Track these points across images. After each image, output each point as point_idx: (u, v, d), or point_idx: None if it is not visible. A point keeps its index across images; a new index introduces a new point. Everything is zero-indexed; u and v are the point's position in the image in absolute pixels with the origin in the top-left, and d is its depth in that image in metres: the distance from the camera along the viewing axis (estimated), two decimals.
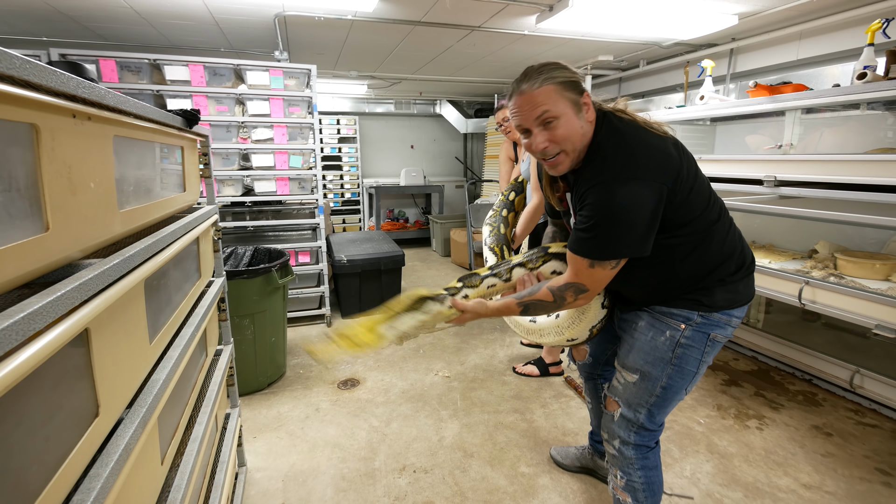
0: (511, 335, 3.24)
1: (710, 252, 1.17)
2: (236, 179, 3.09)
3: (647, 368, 1.24)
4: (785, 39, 3.02)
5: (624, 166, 1.06)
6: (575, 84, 1.09)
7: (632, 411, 1.29)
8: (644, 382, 1.25)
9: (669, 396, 1.25)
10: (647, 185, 1.03)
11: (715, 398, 2.38)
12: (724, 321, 1.21)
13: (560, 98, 1.07)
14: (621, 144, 1.09)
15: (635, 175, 1.04)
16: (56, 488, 0.51)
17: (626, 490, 1.33)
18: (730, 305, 1.20)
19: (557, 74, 1.08)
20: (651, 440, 1.32)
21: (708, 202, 1.16)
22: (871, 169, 1.90)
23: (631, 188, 1.03)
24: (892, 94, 1.84)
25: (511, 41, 3.40)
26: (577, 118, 1.09)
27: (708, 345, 1.21)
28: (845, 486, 1.75)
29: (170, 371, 0.89)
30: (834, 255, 2.25)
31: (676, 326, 1.20)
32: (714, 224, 1.17)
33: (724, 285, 1.19)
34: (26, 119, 0.53)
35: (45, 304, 0.49)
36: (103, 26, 3.03)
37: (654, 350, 1.23)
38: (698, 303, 1.18)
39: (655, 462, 1.33)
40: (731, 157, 2.59)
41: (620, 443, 1.32)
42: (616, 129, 1.11)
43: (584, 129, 1.11)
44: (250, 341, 2.36)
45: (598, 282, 1.13)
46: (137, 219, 0.91)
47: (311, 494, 1.74)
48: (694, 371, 1.22)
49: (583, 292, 1.15)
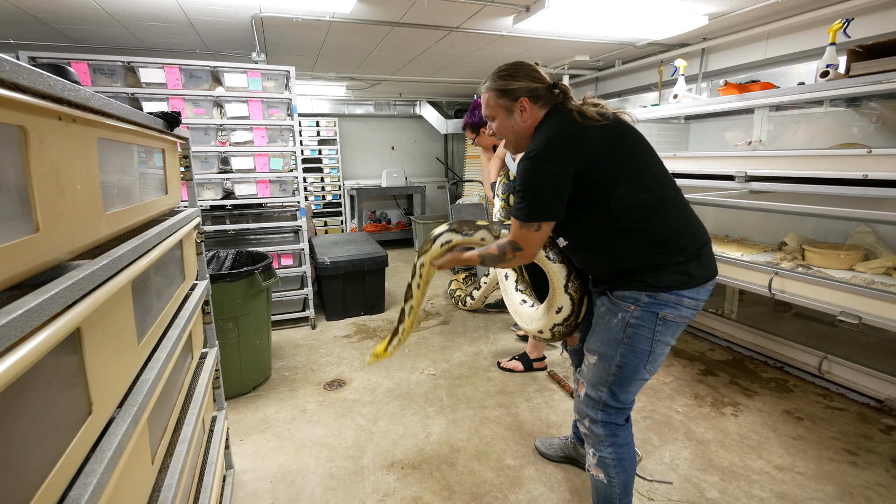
0: (495, 332, 3.29)
1: (647, 234, 1.26)
2: (216, 183, 3.05)
3: (603, 349, 1.34)
4: (753, 39, 3.13)
5: (536, 147, 1.27)
6: (510, 92, 1.35)
7: (595, 391, 1.38)
8: (602, 363, 1.35)
9: (627, 375, 1.32)
10: (549, 160, 1.24)
11: (692, 387, 2.46)
12: (673, 301, 1.27)
13: (494, 104, 1.39)
14: (543, 132, 1.31)
15: (543, 153, 1.25)
16: (54, 483, 0.52)
17: (599, 466, 1.40)
18: (679, 286, 1.26)
19: (498, 84, 1.37)
20: (619, 417, 1.39)
21: (636, 186, 1.26)
22: (834, 163, 2.00)
23: (538, 163, 1.25)
24: (853, 92, 1.94)
25: (489, 42, 3.45)
26: (507, 119, 1.39)
27: (659, 324, 1.27)
28: (815, 467, 1.83)
29: (158, 371, 0.90)
30: (802, 247, 2.35)
31: (626, 308, 1.29)
32: (648, 207, 1.26)
33: (666, 267, 1.26)
34: (15, 121, 0.54)
35: (41, 302, 0.50)
36: (74, 28, 2.97)
37: (608, 332, 1.33)
38: (644, 283, 1.27)
39: (626, 439, 1.40)
40: (703, 154, 2.68)
41: (590, 421, 1.40)
42: (546, 122, 1.34)
43: (515, 126, 1.39)
44: (234, 344, 2.35)
45: (529, 242, 1.32)
46: (122, 221, 0.92)
47: (300, 494, 1.74)
48: (647, 350, 1.29)
49: (518, 250, 1.34)
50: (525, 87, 1.34)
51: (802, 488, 1.72)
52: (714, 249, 1.49)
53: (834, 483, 1.74)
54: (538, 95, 1.35)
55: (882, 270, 2.03)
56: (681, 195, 1.35)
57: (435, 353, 2.96)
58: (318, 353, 3.00)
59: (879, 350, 2.41)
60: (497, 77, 1.37)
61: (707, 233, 1.36)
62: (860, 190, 1.87)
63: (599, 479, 1.41)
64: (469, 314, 3.67)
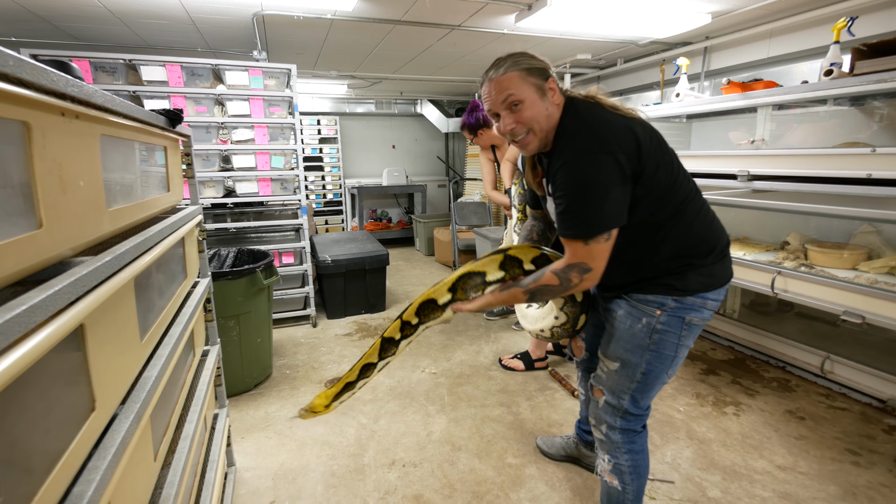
0: (496, 331, 3.28)
1: (678, 234, 1.19)
2: (217, 181, 3.05)
3: (627, 356, 1.27)
4: (756, 38, 3.12)
5: (583, 144, 1.10)
6: (539, 70, 1.16)
7: (615, 398, 1.32)
8: (625, 370, 1.29)
9: (650, 381, 1.28)
10: (606, 157, 1.08)
11: (694, 387, 2.46)
12: (699, 304, 1.22)
13: (524, 83, 1.15)
14: (581, 125, 1.14)
15: (594, 149, 1.09)
16: (58, 479, 0.52)
17: (614, 473, 1.36)
18: (704, 288, 1.22)
19: (522, 61, 1.15)
20: (637, 424, 1.35)
21: (674, 183, 1.18)
22: (838, 162, 1.99)
23: (592, 162, 1.08)
24: (857, 90, 1.93)
25: (491, 40, 3.44)
26: (541, 101, 1.16)
27: (684, 329, 1.23)
28: (817, 467, 1.83)
29: (160, 369, 0.90)
30: (805, 247, 2.34)
31: (651, 312, 1.23)
32: (681, 206, 1.19)
33: (695, 269, 1.21)
34: (19, 117, 0.54)
35: (44, 298, 0.50)
36: (75, 26, 2.97)
37: (632, 338, 1.26)
38: (671, 287, 1.21)
39: (642, 446, 1.37)
40: (706, 153, 2.67)
41: (607, 428, 1.35)
42: (577, 112, 1.17)
43: (549, 111, 1.17)
44: (236, 342, 2.35)
45: (597, 257, 1.13)
46: (124, 218, 0.91)
47: (302, 491, 1.74)
48: (672, 355, 1.25)
49: (587, 271, 1.14)
50: (549, 68, 1.17)
51: (805, 488, 1.72)
52: None
53: (836, 483, 1.74)
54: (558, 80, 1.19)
55: (886, 270, 2.02)
56: (701, 194, 1.28)
57: (436, 352, 2.95)
58: (319, 351, 2.99)
59: (882, 350, 2.40)
60: (516, 58, 1.16)
61: (727, 233, 1.31)
62: (864, 189, 1.87)
63: (613, 486, 1.37)
64: (470, 313, 3.66)
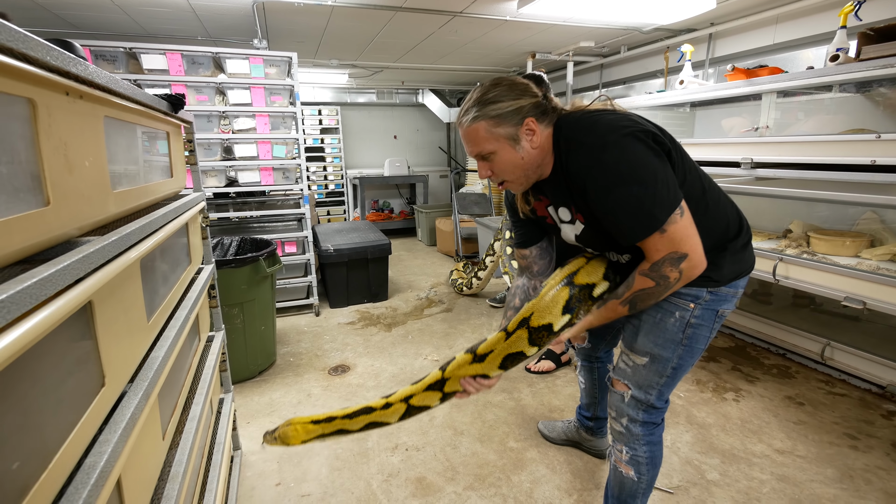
0: (498, 319, 3.30)
1: (709, 217, 1.12)
2: (219, 170, 3.06)
3: (658, 351, 1.22)
4: (762, 23, 3.09)
5: (600, 138, 1.02)
6: (511, 114, 1.06)
7: (643, 392, 1.28)
8: (655, 364, 1.24)
9: (679, 375, 1.25)
10: (627, 139, 1.00)
11: (694, 373, 2.47)
12: (731, 294, 1.19)
13: (490, 136, 1.08)
14: (587, 126, 1.06)
15: (612, 139, 1.00)
16: (71, 449, 0.54)
17: (630, 464, 1.34)
18: (736, 276, 1.18)
19: (490, 109, 1.06)
20: (658, 417, 1.33)
21: (689, 170, 1.13)
22: (842, 149, 1.98)
23: (617, 150, 0.99)
24: (863, 76, 1.91)
25: (493, 27, 3.41)
26: (513, 150, 1.09)
27: (717, 321, 1.20)
28: (815, 451, 1.85)
29: (167, 349, 0.91)
30: (807, 234, 2.34)
31: (685, 306, 1.17)
32: (706, 191, 1.14)
33: (729, 254, 1.15)
34: (24, 94, 0.54)
35: (55, 272, 0.51)
36: (75, 14, 2.95)
37: (663, 332, 1.20)
38: (707, 279, 1.13)
39: (659, 437, 1.35)
40: (709, 141, 2.66)
41: (629, 420, 1.32)
42: (574, 121, 1.09)
43: (526, 156, 1.10)
44: (240, 330, 2.37)
45: (683, 239, 1.01)
46: (129, 201, 0.92)
47: (307, 474, 1.77)
48: (702, 348, 1.23)
49: (681, 259, 1.03)
50: (523, 105, 1.07)
51: (802, 471, 1.74)
52: None
53: (834, 466, 1.75)
54: (540, 112, 1.09)
55: (888, 257, 2.02)
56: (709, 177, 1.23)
57: (438, 340, 2.97)
58: (322, 339, 3.02)
59: (882, 337, 2.41)
60: (482, 102, 1.07)
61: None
62: (868, 176, 1.86)
63: (629, 476, 1.35)
64: (472, 302, 3.68)
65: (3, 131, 0.51)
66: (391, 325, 3.24)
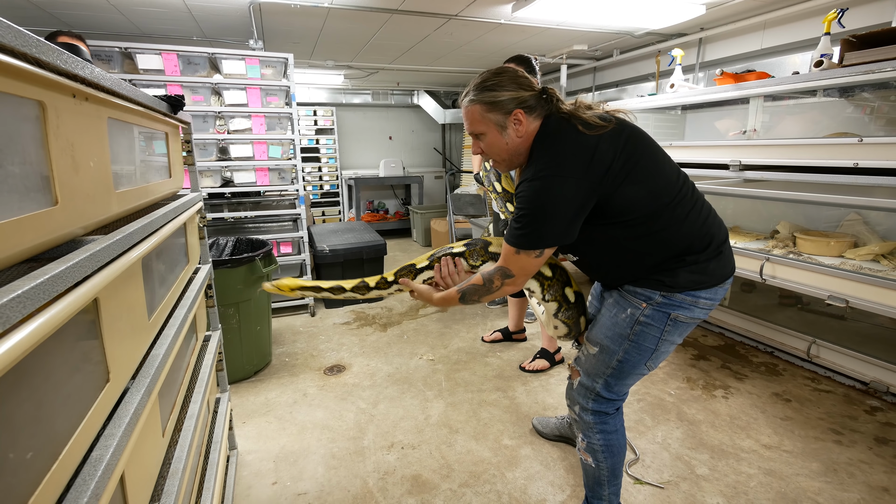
0: (492, 319, 3.33)
1: (668, 234, 1.19)
2: (215, 170, 3.06)
3: (606, 343, 1.31)
4: (750, 29, 3.15)
5: (546, 165, 1.15)
6: (502, 104, 1.20)
7: (590, 380, 1.37)
8: (602, 355, 1.33)
9: (626, 370, 1.31)
10: (565, 181, 1.13)
11: (685, 371, 2.52)
12: (688, 302, 1.22)
13: (483, 119, 1.22)
14: (548, 146, 1.19)
15: (554, 173, 1.13)
16: (78, 441, 0.55)
17: (588, 451, 1.43)
18: (694, 286, 1.21)
19: (486, 95, 1.20)
20: (609, 407, 1.39)
21: (656, 187, 1.18)
22: (826, 152, 2.03)
23: (550, 184, 1.13)
24: (846, 81, 1.97)
25: (487, 30, 3.45)
26: (500, 135, 1.23)
27: (669, 324, 1.24)
28: (801, 445, 1.89)
29: (167, 347, 0.93)
30: (793, 235, 2.39)
31: (637, 305, 1.26)
32: (668, 207, 1.18)
33: (686, 266, 1.20)
34: (35, 96, 0.56)
35: (65, 269, 0.53)
36: (69, 13, 2.95)
37: (614, 326, 1.30)
38: (660, 283, 1.22)
39: (615, 427, 1.41)
40: (699, 144, 2.71)
41: (580, 409, 1.41)
42: (548, 133, 1.21)
43: (510, 143, 1.24)
44: (236, 330, 2.38)
45: (523, 269, 1.22)
46: (131, 200, 0.94)
47: (303, 472, 1.79)
48: (652, 348, 1.27)
49: (509, 277, 1.24)
50: (517, 97, 1.20)
51: (789, 465, 1.78)
52: None
53: (819, 460, 1.80)
54: (531, 105, 1.21)
55: (871, 257, 2.07)
56: (696, 190, 1.27)
57: (433, 340, 3.00)
58: (317, 339, 3.03)
59: (866, 335, 2.47)
60: (482, 88, 1.21)
61: (726, 227, 1.30)
62: (851, 178, 1.91)
63: (588, 463, 1.45)
64: None
65: (15, 133, 0.53)
66: (386, 325, 3.26)
